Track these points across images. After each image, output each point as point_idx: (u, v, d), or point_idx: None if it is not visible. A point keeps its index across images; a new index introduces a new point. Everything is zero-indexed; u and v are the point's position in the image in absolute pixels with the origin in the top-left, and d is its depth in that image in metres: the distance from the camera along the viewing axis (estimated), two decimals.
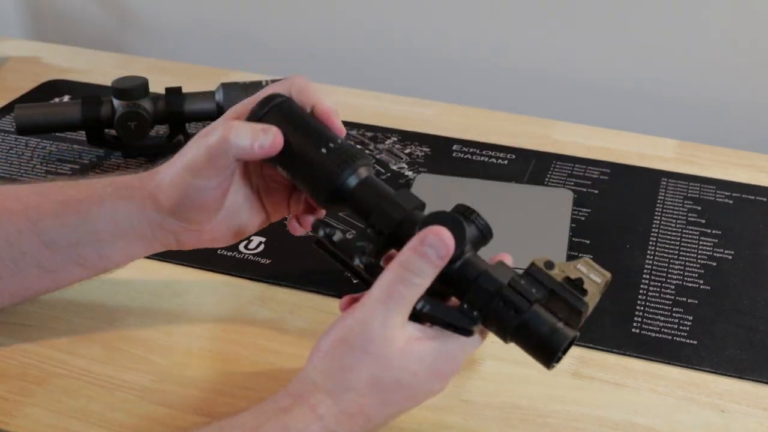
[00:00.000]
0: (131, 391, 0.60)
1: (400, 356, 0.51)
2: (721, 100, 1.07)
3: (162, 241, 0.61)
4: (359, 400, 0.51)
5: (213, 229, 0.62)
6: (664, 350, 0.64)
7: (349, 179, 0.57)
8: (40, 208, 0.61)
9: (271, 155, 0.57)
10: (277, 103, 0.58)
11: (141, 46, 1.33)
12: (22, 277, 0.61)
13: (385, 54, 1.20)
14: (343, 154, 0.57)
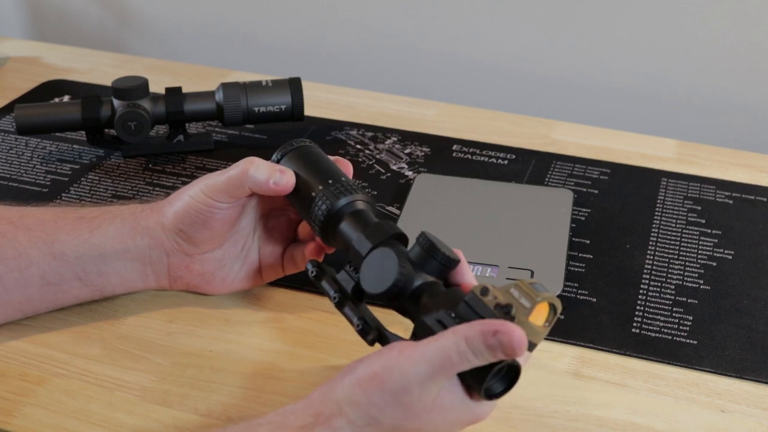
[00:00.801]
0: (131, 391, 0.60)
1: (429, 413, 0.51)
2: (721, 100, 1.07)
3: (155, 266, 0.66)
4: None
5: (204, 261, 0.66)
6: (664, 350, 0.64)
7: (342, 208, 0.60)
8: (55, 223, 0.65)
9: (283, 193, 0.62)
10: (297, 147, 0.64)
11: (141, 46, 1.33)
12: (26, 287, 0.64)
13: (385, 54, 1.20)
14: (344, 186, 0.61)
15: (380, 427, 0.51)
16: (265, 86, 0.90)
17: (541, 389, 0.61)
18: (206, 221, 0.63)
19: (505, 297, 0.51)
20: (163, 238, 0.65)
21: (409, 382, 0.50)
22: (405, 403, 0.51)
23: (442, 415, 0.52)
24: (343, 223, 0.60)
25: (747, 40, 1.03)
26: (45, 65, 1.12)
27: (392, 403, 0.51)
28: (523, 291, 0.50)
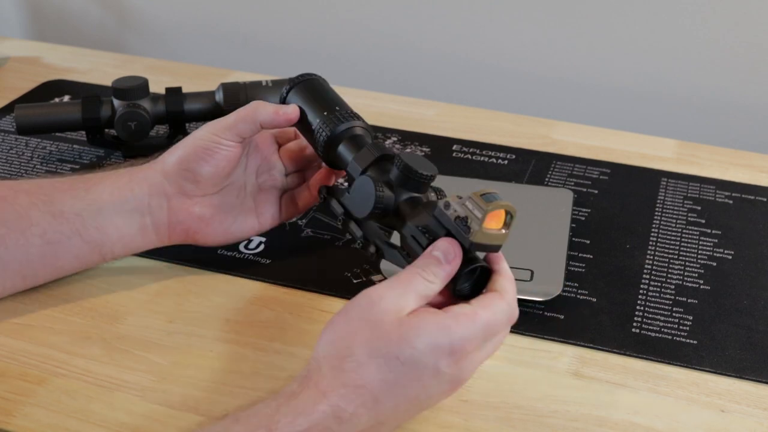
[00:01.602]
0: (131, 391, 0.60)
1: (398, 326, 0.51)
2: (721, 100, 1.07)
3: (155, 215, 0.68)
4: (359, 371, 0.51)
5: (203, 204, 0.69)
6: (664, 350, 0.64)
7: (341, 133, 0.66)
8: (53, 185, 0.68)
9: (290, 123, 0.67)
10: (305, 79, 0.70)
11: (141, 46, 1.33)
12: (27, 248, 0.65)
13: (385, 54, 1.20)
14: (343, 114, 0.67)
15: (357, 356, 0.51)
16: (265, 86, 0.89)
17: (541, 389, 0.61)
18: (213, 159, 0.67)
19: (463, 209, 0.55)
20: (163, 182, 0.68)
21: (372, 300, 0.52)
22: (372, 321, 0.51)
23: (416, 334, 0.51)
24: (341, 147, 0.66)
25: (747, 40, 1.03)
26: (45, 65, 1.12)
27: (361, 326, 0.52)
28: (476, 203, 0.54)
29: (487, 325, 0.52)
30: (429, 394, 0.53)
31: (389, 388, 0.51)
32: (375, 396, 0.51)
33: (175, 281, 0.71)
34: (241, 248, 0.75)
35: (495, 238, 0.55)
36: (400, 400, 0.52)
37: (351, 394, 0.51)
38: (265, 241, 0.76)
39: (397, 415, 0.52)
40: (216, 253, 0.74)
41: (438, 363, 0.51)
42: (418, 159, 0.61)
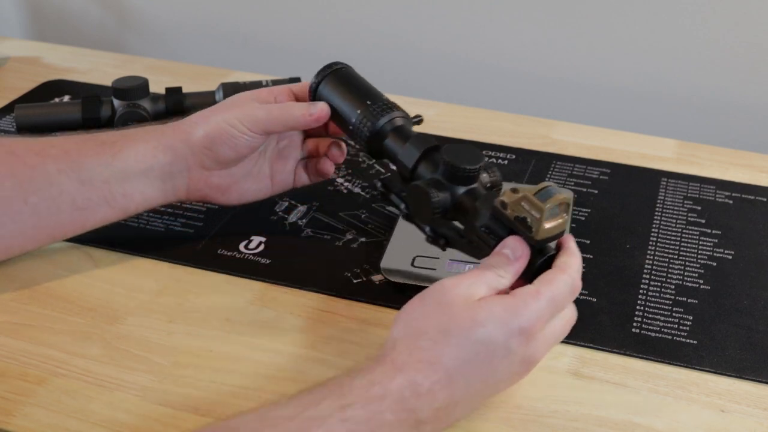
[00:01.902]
0: (131, 391, 0.60)
1: (469, 308, 0.53)
2: (721, 100, 1.07)
3: (176, 180, 0.71)
4: (434, 348, 0.52)
5: (221, 176, 0.72)
6: (664, 350, 0.64)
7: (384, 126, 0.68)
8: (80, 150, 0.69)
9: (320, 123, 0.70)
10: (334, 69, 0.71)
11: (141, 46, 1.33)
12: (59, 214, 0.68)
13: (385, 54, 1.20)
14: (383, 105, 0.69)
15: (430, 334, 0.53)
16: (265, 86, 0.89)
17: (541, 389, 0.61)
18: (235, 146, 0.70)
19: (520, 210, 0.57)
20: (187, 153, 0.70)
21: (446, 287, 0.55)
22: (444, 303, 0.54)
23: (486, 313, 0.53)
24: (387, 141, 0.67)
25: (747, 40, 1.03)
26: (45, 65, 1.12)
27: (434, 308, 0.54)
28: (532, 203, 0.56)
29: (551, 300, 0.54)
30: (501, 374, 0.54)
31: (462, 366, 0.53)
32: (449, 374, 0.52)
33: (175, 281, 0.71)
34: (241, 248, 0.75)
35: (557, 229, 0.57)
36: (473, 379, 0.53)
37: (427, 369, 0.52)
38: (265, 241, 0.76)
39: (470, 396, 0.54)
40: (216, 253, 0.74)
41: (508, 342, 0.53)
42: (461, 151, 0.63)
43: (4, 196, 0.67)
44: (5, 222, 0.67)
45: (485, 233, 0.59)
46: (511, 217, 0.57)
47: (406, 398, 0.51)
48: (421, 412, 0.52)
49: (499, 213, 0.58)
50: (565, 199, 0.57)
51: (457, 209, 0.62)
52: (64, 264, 0.72)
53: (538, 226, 0.56)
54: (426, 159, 0.65)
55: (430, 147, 0.65)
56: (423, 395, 0.52)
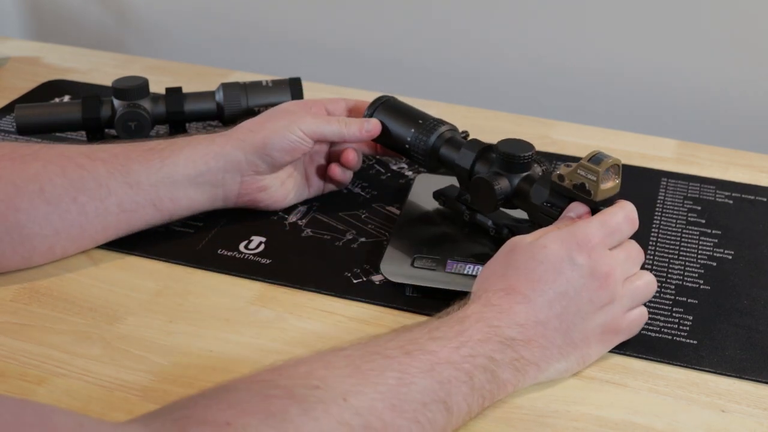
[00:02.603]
0: (131, 391, 0.60)
1: (531, 242, 0.61)
2: (721, 100, 1.07)
3: (227, 187, 0.74)
4: (503, 280, 0.59)
5: (271, 179, 0.75)
6: (664, 350, 0.64)
7: (436, 141, 0.75)
8: (127, 155, 0.71)
9: (373, 137, 0.77)
10: (384, 101, 0.79)
11: (141, 46, 1.33)
12: (105, 216, 0.70)
13: (385, 54, 1.20)
14: (432, 122, 0.76)
15: (498, 275, 0.60)
16: (265, 86, 0.90)
17: (541, 389, 0.61)
18: (292, 150, 0.74)
19: (577, 178, 0.64)
20: (241, 159, 0.73)
21: (514, 240, 0.62)
22: (511, 247, 0.61)
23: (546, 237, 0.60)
24: (443, 150, 0.74)
25: (747, 40, 1.03)
26: (45, 65, 1.12)
27: (503, 257, 0.61)
28: (587, 168, 0.63)
29: (604, 221, 0.61)
30: (576, 288, 0.59)
31: (535, 284, 0.58)
32: (524, 293, 0.58)
33: (175, 281, 0.71)
34: (241, 248, 0.75)
35: (612, 190, 0.64)
36: (551, 296, 0.58)
37: (501, 294, 0.58)
38: (265, 241, 0.76)
39: (558, 315, 0.58)
40: (216, 253, 0.74)
41: (571, 254, 0.59)
42: (512, 143, 0.70)
43: (55, 193, 0.68)
44: (53, 219, 0.68)
45: (548, 207, 0.66)
46: (570, 186, 0.64)
47: (487, 317, 0.56)
48: (506, 328, 0.56)
49: (557, 186, 0.65)
50: (616, 161, 0.63)
51: (517, 195, 0.69)
52: (64, 264, 0.72)
53: (596, 188, 0.63)
54: (481, 159, 0.71)
55: (484, 147, 0.72)
56: (503, 313, 0.57)
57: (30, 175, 0.68)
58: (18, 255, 0.69)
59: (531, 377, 0.58)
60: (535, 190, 0.68)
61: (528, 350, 0.57)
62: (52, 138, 0.93)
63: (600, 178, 0.63)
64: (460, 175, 0.73)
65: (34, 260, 0.70)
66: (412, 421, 0.50)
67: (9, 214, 0.67)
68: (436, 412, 0.52)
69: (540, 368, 0.58)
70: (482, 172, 0.71)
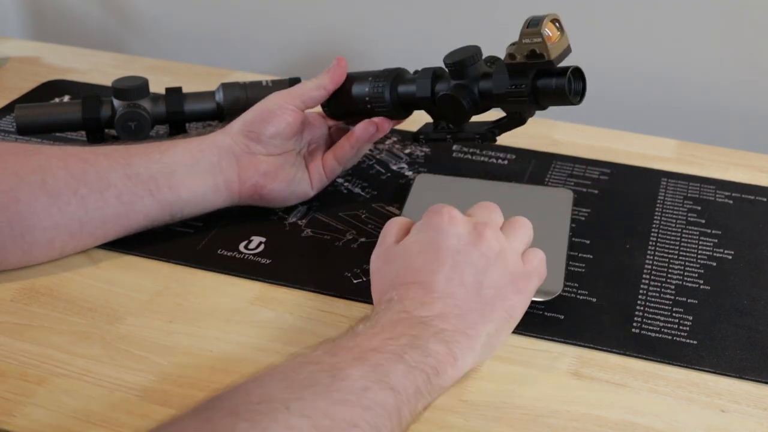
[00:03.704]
0: (131, 391, 0.60)
1: (387, 246, 0.65)
2: (721, 100, 1.07)
3: (225, 173, 0.74)
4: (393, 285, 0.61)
5: (268, 162, 0.75)
6: (664, 350, 0.64)
7: (391, 89, 0.76)
8: (128, 150, 0.73)
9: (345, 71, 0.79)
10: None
11: (141, 46, 1.33)
12: (104, 209, 0.70)
13: (385, 54, 1.20)
14: (382, 73, 0.77)
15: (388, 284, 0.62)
16: (265, 86, 0.90)
17: (541, 389, 0.61)
18: (274, 119, 0.75)
19: (525, 48, 0.65)
20: (231, 143, 0.75)
21: (376, 253, 0.66)
22: (388, 258, 0.64)
23: (413, 232, 0.64)
24: (400, 91, 0.76)
25: (747, 40, 1.03)
26: (45, 65, 1.12)
27: (378, 272, 0.64)
28: (529, 34, 0.64)
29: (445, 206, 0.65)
30: (460, 250, 0.61)
31: (420, 271, 0.60)
32: (417, 281, 0.60)
33: (175, 281, 0.71)
34: (241, 248, 0.75)
35: (563, 44, 0.66)
36: (442, 270, 0.60)
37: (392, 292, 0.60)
38: (265, 241, 0.76)
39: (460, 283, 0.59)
40: (216, 253, 0.74)
41: (437, 232, 0.62)
42: (456, 52, 0.71)
43: (56, 186, 0.68)
44: (53, 212, 0.68)
45: (515, 89, 0.67)
46: (523, 60, 0.65)
47: (393, 310, 0.58)
48: (414, 311, 0.58)
49: (512, 66, 0.67)
50: (553, 15, 0.65)
51: (483, 95, 0.71)
52: (64, 264, 0.72)
53: (546, 47, 0.64)
54: (437, 81, 0.73)
55: (434, 70, 0.74)
56: (404, 301, 0.59)
57: (33, 167, 0.69)
58: (18, 249, 0.69)
59: (466, 346, 0.57)
60: (495, 80, 0.69)
61: (446, 322, 0.57)
62: (52, 138, 0.93)
63: (545, 37, 0.63)
64: (426, 106, 0.75)
65: (33, 254, 0.70)
66: (359, 408, 0.50)
67: (10, 205, 0.67)
68: (380, 392, 0.51)
69: (469, 335, 0.57)
70: (443, 90, 0.72)
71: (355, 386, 0.50)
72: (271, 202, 0.77)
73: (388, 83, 0.76)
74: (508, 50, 0.66)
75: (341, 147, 0.79)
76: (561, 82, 0.67)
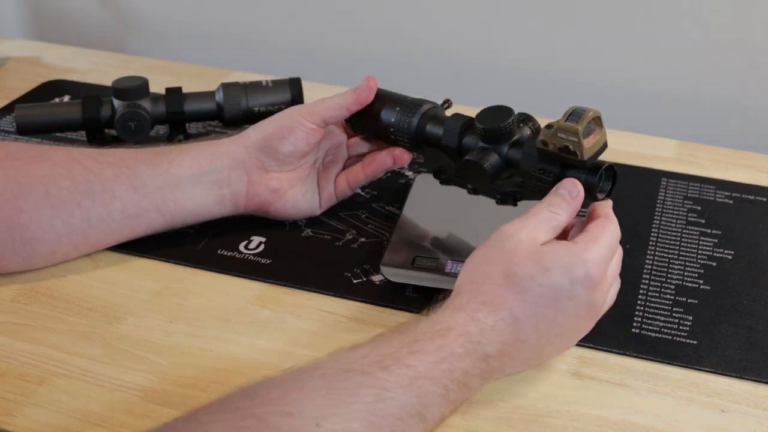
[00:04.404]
0: (131, 391, 0.60)
1: (533, 254, 0.57)
2: (721, 100, 1.07)
3: (233, 186, 0.72)
4: (497, 291, 0.56)
5: (279, 179, 0.73)
6: (664, 350, 0.64)
7: (419, 122, 0.73)
8: (136, 158, 0.71)
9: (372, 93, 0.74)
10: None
11: (141, 46, 1.33)
12: (109, 222, 0.69)
13: (385, 54, 1.20)
14: (412, 103, 0.74)
15: (493, 278, 0.57)
16: (265, 86, 0.90)
17: (541, 389, 0.61)
18: (293, 137, 0.72)
19: (559, 141, 0.61)
20: (245, 156, 0.72)
21: (507, 232, 0.58)
22: (508, 250, 0.57)
23: (550, 258, 0.56)
24: (427, 131, 0.72)
25: (747, 40, 1.03)
26: (45, 65, 1.12)
27: (497, 254, 0.58)
28: (566, 130, 0.60)
29: (609, 246, 0.59)
30: (567, 316, 0.57)
31: (528, 307, 0.56)
32: (513, 313, 0.56)
33: (175, 281, 0.71)
34: (241, 248, 0.75)
35: (597, 144, 0.62)
36: (539, 319, 0.56)
37: (489, 308, 0.56)
38: (265, 241, 0.76)
39: (538, 337, 0.56)
40: (216, 253, 0.74)
41: (573, 286, 0.56)
42: (492, 113, 0.67)
43: (60, 197, 0.67)
44: (56, 224, 0.68)
45: (541, 174, 0.64)
46: (555, 151, 0.62)
47: (471, 332, 0.55)
48: (488, 345, 0.55)
49: (543, 152, 0.63)
50: (594, 114, 0.61)
51: (510, 165, 0.67)
52: (64, 264, 0.72)
53: (581, 147, 0.60)
54: (466, 134, 0.70)
55: (466, 121, 0.70)
56: (486, 330, 0.55)
57: (37, 176, 0.68)
58: (19, 257, 0.69)
59: (489, 382, 0.58)
60: (524, 157, 0.65)
61: (499, 363, 0.56)
62: (53, 138, 0.93)
63: (581, 137, 0.60)
64: (450, 154, 0.72)
65: (35, 263, 0.70)
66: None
67: (12, 215, 0.67)
68: (412, 424, 0.51)
69: (503, 374, 0.58)
70: (470, 145, 0.69)
71: (392, 413, 0.50)
72: (275, 217, 0.76)
73: (416, 119, 0.73)
74: (543, 135, 0.62)
75: (355, 174, 0.77)
76: (591, 180, 0.62)
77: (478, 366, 0.55)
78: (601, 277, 0.57)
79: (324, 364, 0.52)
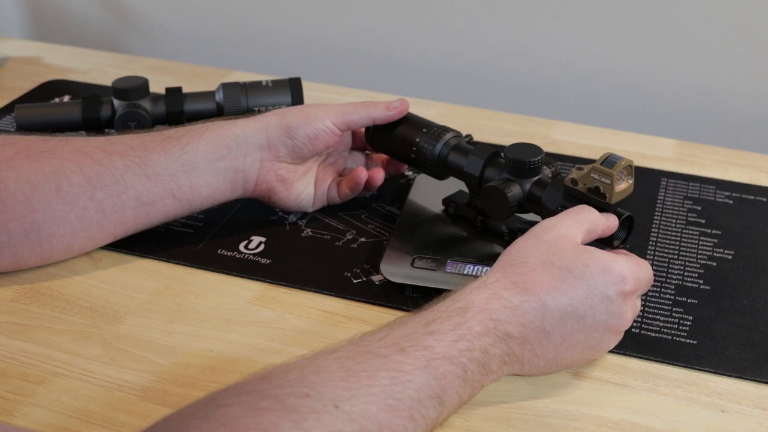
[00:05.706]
0: (131, 391, 0.60)
1: (574, 249, 0.58)
2: (721, 100, 1.07)
3: (247, 171, 0.72)
4: (531, 275, 0.56)
5: (288, 169, 0.74)
6: (664, 350, 0.64)
7: (442, 150, 0.74)
8: (145, 146, 0.70)
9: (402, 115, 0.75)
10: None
11: (141, 46, 1.33)
12: (123, 211, 0.69)
13: (385, 54, 1.20)
14: (437, 128, 0.75)
15: (529, 263, 0.57)
16: (265, 86, 0.90)
17: (541, 389, 0.61)
18: (317, 140, 0.73)
19: (591, 181, 0.64)
20: (263, 142, 0.72)
21: (550, 224, 0.60)
22: (549, 241, 0.58)
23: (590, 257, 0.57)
24: (450, 158, 0.73)
25: (747, 40, 1.03)
26: (45, 65, 1.12)
27: (538, 243, 0.59)
28: (601, 171, 0.63)
29: (645, 273, 0.61)
30: (596, 321, 0.57)
31: (559, 296, 0.56)
32: (543, 300, 0.55)
33: (175, 281, 0.71)
34: (241, 248, 0.75)
35: (626, 192, 0.64)
36: (567, 312, 0.56)
37: (518, 288, 0.56)
38: (265, 241, 0.76)
39: (564, 335, 0.56)
40: (216, 253, 0.74)
41: (608, 288, 0.57)
42: (521, 147, 0.69)
43: (72, 192, 0.67)
44: (70, 219, 0.68)
45: (559, 211, 0.65)
46: (584, 190, 0.64)
47: (491, 309, 0.54)
48: (509, 325, 0.54)
49: (571, 190, 0.65)
50: (629, 162, 0.63)
51: (530, 200, 0.68)
52: (64, 264, 0.72)
53: (611, 191, 0.63)
54: (490, 165, 0.71)
55: (492, 153, 0.71)
56: (510, 308, 0.55)
57: (47, 173, 0.67)
58: (36, 254, 0.69)
59: (509, 371, 0.57)
60: (548, 194, 0.67)
61: (520, 348, 0.56)
62: None
63: (614, 181, 0.63)
64: (469, 183, 0.73)
65: (53, 258, 0.70)
66: (407, 419, 0.49)
67: (27, 215, 0.66)
68: (431, 407, 0.51)
69: (522, 368, 0.57)
70: (492, 177, 0.70)
71: (411, 396, 0.50)
72: (275, 205, 0.76)
73: (440, 144, 0.74)
74: (574, 173, 0.65)
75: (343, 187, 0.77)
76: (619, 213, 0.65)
77: (499, 345, 0.54)
78: (633, 289, 0.58)
79: (341, 347, 0.52)
